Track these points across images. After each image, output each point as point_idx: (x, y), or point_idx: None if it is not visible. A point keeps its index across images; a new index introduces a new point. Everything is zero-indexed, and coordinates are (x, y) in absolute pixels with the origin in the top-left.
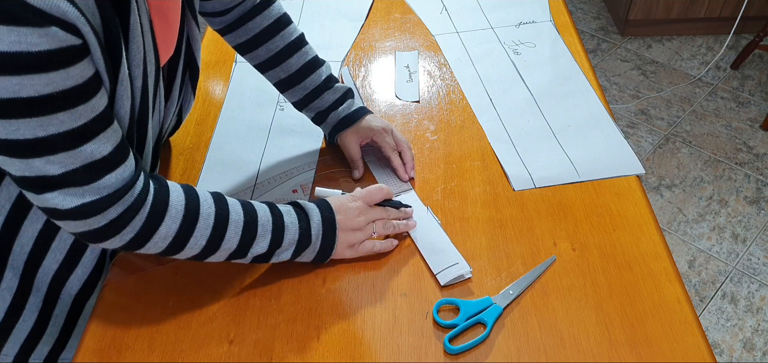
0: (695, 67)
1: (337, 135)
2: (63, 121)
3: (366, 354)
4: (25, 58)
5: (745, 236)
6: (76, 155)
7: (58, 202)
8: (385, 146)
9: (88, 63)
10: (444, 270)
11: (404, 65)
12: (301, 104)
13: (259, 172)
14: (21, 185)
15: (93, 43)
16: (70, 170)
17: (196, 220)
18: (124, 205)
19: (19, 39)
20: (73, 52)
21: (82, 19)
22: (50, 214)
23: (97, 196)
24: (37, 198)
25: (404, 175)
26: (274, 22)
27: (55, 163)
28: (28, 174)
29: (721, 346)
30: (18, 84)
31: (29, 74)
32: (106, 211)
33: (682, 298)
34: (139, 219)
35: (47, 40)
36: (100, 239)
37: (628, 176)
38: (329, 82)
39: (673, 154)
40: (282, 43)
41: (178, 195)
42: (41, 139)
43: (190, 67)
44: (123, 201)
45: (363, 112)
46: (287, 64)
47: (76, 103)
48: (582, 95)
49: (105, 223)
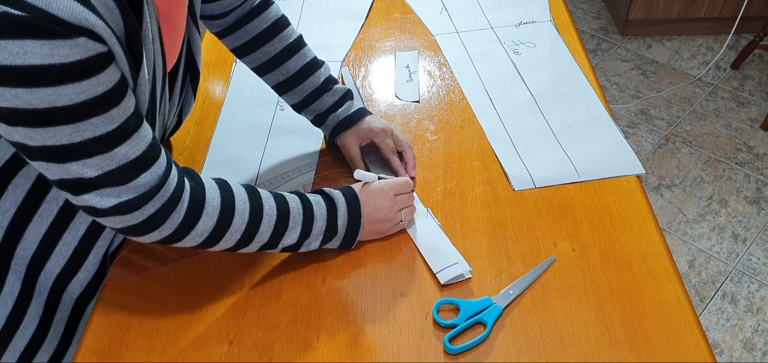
0: (695, 67)
1: (337, 136)
2: (97, 126)
3: (366, 354)
4: (59, 70)
5: (745, 236)
6: (112, 157)
7: (96, 202)
8: (385, 147)
9: (114, 68)
10: (444, 269)
11: (404, 65)
12: (300, 106)
13: (259, 172)
14: (59, 187)
15: (117, 49)
16: (106, 172)
17: (232, 215)
18: (161, 201)
19: (52, 52)
20: (101, 59)
21: (107, 29)
22: (89, 212)
23: (134, 194)
24: (76, 198)
25: (404, 176)
26: (272, 25)
27: (92, 166)
28: (65, 177)
29: (721, 346)
30: (53, 94)
31: (63, 84)
32: (143, 207)
33: (682, 298)
34: (178, 215)
35: (77, 50)
36: (139, 234)
37: (628, 176)
38: (328, 84)
39: (673, 154)
40: (280, 45)
41: (213, 191)
42: (77, 144)
43: (190, 70)
44: (159, 197)
45: (362, 113)
46: (286, 67)
47: (108, 107)
48: (582, 95)
49: (143, 219)
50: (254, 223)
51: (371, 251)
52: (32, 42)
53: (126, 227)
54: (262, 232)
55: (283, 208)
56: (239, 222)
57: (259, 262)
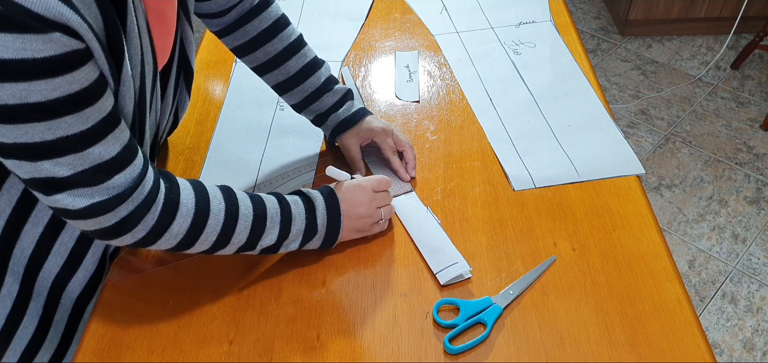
0: (695, 67)
1: (338, 137)
2: (71, 124)
3: (366, 354)
4: (31, 65)
5: (745, 236)
6: (85, 157)
7: (67, 203)
8: (386, 148)
9: (92, 66)
10: (444, 269)
11: (404, 65)
12: (300, 106)
13: (259, 172)
14: (30, 186)
15: (95, 46)
16: (79, 171)
17: (207, 217)
18: (134, 203)
19: (24, 46)
20: (77, 57)
21: (83, 24)
22: (60, 214)
23: (107, 195)
24: (47, 198)
25: (405, 176)
26: (273, 24)
27: (64, 165)
28: (37, 176)
29: (721, 346)
30: (25, 90)
31: (36, 80)
32: (116, 209)
33: (682, 298)
34: (151, 217)
35: (51, 45)
36: (111, 236)
37: (628, 176)
38: (329, 84)
39: (673, 154)
40: (281, 45)
41: (188, 192)
42: (49, 143)
43: (184, 68)
44: (132, 199)
45: (363, 113)
46: (286, 67)
47: (82, 106)
48: (582, 95)
49: (116, 222)
50: (230, 224)
51: (371, 251)
52: (4, 35)
53: (99, 230)
54: (239, 234)
55: (260, 209)
56: (214, 223)
57: (259, 262)
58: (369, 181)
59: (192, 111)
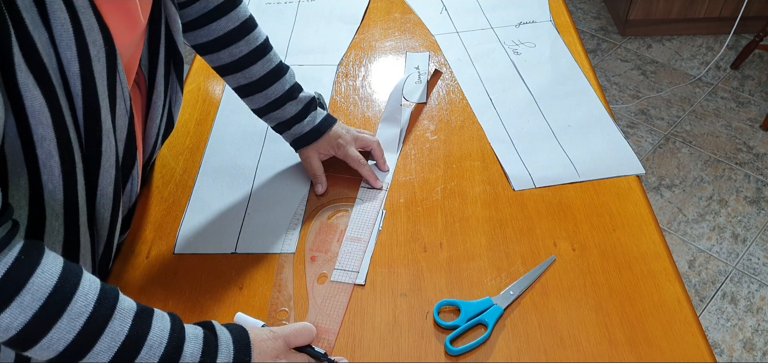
0: (695, 67)
1: (299, 150)
2: None
3: (366, 354)
4: None
5: (745, 236)
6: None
7: None
8: (351, 161)
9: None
10: (339, 270)
11: (414, 66)
12: (261, 112)
13: (255, 179)
14: None
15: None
16: None
17: (59, 316)
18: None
19: None
20: None
21: None
22: None
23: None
24: None
25: (378, 184)
26: (240, 26)
27: None
28: None
29: (721, 346)
30: None
31: None
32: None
33: (682, 298)
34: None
35: None
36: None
37: (628, 176)
38: (293, 93)
39: (673, 154)
40: (247, 48)
41: (49, 274)
42: None
43: (173, 57)
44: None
45: (327, 124)
46: (250, 71)
47: None
48: (582, 95)
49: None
50: (90, 334)
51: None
52: None
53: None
54: (96, 353)
55: (138, 331)
56: (67, 327)
57: (259, 262)
58: (284, 333)
59: (192, 111)
